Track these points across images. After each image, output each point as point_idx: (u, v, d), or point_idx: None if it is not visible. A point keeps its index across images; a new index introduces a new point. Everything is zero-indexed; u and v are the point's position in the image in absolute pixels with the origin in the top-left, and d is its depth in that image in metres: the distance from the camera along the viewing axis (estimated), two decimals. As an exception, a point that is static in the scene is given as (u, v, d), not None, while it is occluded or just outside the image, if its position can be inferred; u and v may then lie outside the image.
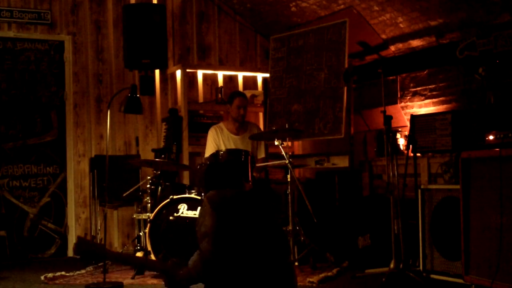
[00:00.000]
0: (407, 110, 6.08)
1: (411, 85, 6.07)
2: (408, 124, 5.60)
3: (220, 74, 7.26)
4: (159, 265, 3.70)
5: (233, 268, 3.07)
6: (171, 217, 5.14)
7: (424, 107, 5.93)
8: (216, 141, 5.78)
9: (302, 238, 5.43)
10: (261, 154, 5.88)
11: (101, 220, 6.52)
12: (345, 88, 6.03)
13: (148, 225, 5.15)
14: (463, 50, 5.25)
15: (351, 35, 6.07)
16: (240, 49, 7.54)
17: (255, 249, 3.14)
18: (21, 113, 6.54)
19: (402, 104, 6.16)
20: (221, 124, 5.92)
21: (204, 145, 5.96)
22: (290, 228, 5.37)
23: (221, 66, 7.37)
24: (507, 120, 4.37)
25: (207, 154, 5.71)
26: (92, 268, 5.66)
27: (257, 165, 5.58)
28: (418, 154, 5.06)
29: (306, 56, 6.43)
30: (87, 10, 6.81)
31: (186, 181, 6.65)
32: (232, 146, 5.71)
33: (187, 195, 5.21)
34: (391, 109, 5.91)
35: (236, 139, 5.80)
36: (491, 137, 4.32)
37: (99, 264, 5.35)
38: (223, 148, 5.68)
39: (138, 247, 5.29)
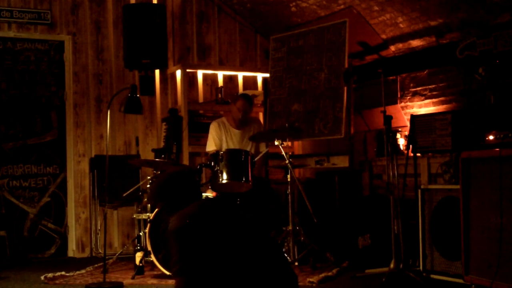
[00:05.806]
0: (407, 110, 6.08)
1: (411, 85, 6.07)
2: (408, 124, 5.59)
3: (220, 74, 7.25)
4: None
5: None
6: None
7: (424, 107, 5.92)
8: (219, 135, 5.85)
9: (302, 238, 5.44)
10: (263, 148, 5.96)
11: (101, 220, 6.52)
12: (345, 88, 6.03)
13: (148, 225, 5.15)
14: (463, 50, 5.25)
15: (351, 35, 6.07)
16: (240, 49, 7.53)
17: (243, 271, 2.82)
18: (21, 113, 6.54)
19: (402, 104, 6.15)
20: (223, 119, 6.00)
21: (205, 145, 6.03)
22: (290, 228, 5.39)
23: (221, 66, 7.37)
24: (507, 120, 4.37)
25: (209, 147, 5.87)
26: (92, 268, 5.66)
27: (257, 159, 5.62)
28: (418, 154, 5.05)
29: (306, 56, 6.43)
30: (87, 10, 6.81)
31: (186, 181, 6.63)
32: (234, 141, 5.81)
33: (187, 195, 5.21)
34: (391, 109, 5.90)
35: (238, 133, 5.89)
36: (491, 137, 4.32)
37: (99, 264, 5.35)
38: (225, 142, 5.81)
39: (138, 247, 5.30)
